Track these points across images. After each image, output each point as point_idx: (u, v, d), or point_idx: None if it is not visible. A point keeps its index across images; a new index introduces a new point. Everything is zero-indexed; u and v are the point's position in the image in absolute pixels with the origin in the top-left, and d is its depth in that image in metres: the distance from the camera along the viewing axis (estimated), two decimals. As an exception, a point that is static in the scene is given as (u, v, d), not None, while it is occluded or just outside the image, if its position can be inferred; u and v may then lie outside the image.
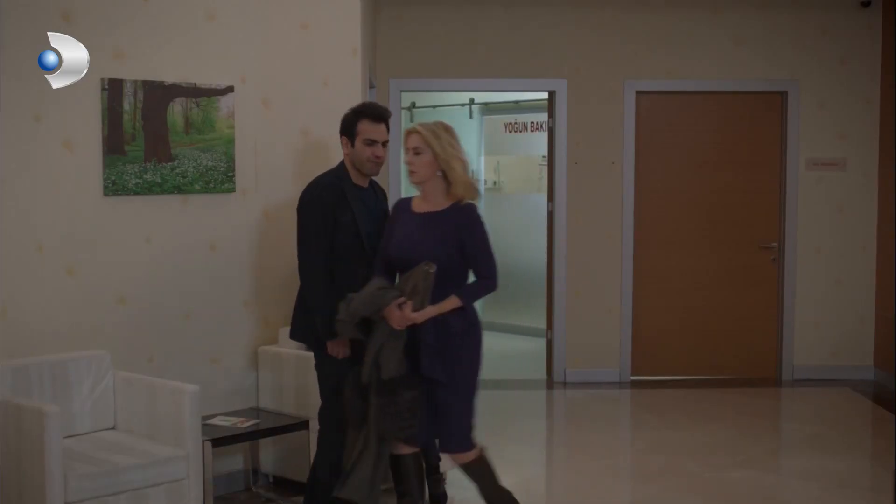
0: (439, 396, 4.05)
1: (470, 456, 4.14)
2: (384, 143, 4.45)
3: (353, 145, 4.43)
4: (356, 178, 4.46)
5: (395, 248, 4.13)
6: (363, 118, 4.42)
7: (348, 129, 4.44)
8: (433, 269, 3.95)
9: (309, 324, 4.41)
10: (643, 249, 7.76)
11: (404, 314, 3.97)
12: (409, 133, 4.12)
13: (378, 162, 4.42)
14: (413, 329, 4.03)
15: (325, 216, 4.34)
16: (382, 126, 4.45)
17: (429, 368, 4.03)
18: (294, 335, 4.59)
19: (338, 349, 4.34)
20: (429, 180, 4.09)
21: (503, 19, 7.59)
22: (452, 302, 4.02)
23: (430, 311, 4.00)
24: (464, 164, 4.09)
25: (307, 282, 4.38)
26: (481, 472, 4.19)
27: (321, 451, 4.46)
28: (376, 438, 4.06)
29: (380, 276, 4.14)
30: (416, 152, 4.08)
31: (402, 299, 3.98)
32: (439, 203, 4.10)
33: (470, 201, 4.12)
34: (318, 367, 4.49)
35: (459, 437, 4.12)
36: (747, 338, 7.87)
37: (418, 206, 4.16)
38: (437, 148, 4.04)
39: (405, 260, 4.07)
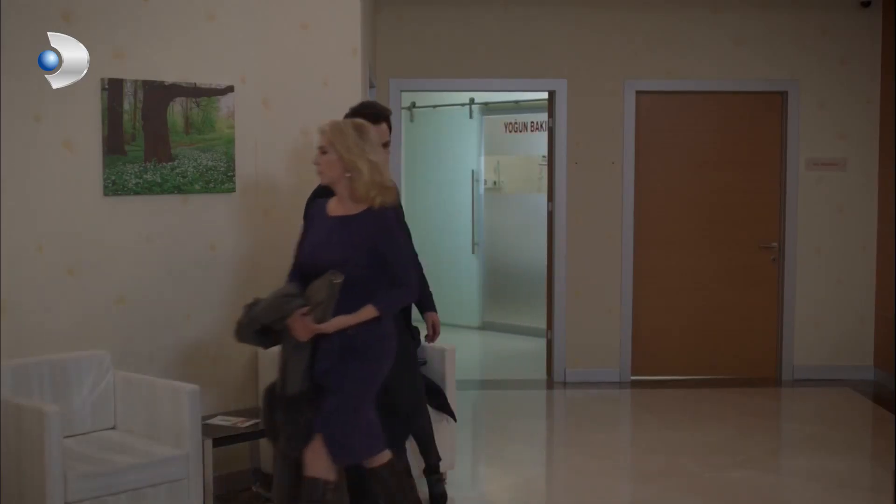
0: (327, 403, 3.78)
1: (326, 470, 3.82)
2: (385, 144, 4.40)
3: None
4: (359, 180, 4.43)
5: (305, 252, 3.90)
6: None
7: None
8: (339, 279, 3.70)
9: None
10: (643, 249, 7.76)
11: (306, 325, 3.74)
12: (319, 132, 3.92)
13: None
14: (318, 339, 3.78)
15: None
16: (383, 126, 4.40)
17: (322, 376, 3.79)
18: None
19: None
20: (338, 182, 3.84)
21: (503, 19, 7.59)
22: (368, 312, 3.78)
23: (345, 320, 3.76)
24: (373, 165, 3.80)
25: None
26: (317, 494, 3.82)
27: None
28: (281, 452, 3.90)
29: (291, 282, 3.90)
30: (323, 152, 3.84)
31: (305, 309, 3.74)
32: (352, 206, 3.85)
33: (385, 205, 3.85)
34: None
35: (332, 445, 3.80)
36: (747, 338, 7.87)
37: (333, 210, 3.91)
38: (341, 148, 3.79)
39: (315, 265, 3.81)
